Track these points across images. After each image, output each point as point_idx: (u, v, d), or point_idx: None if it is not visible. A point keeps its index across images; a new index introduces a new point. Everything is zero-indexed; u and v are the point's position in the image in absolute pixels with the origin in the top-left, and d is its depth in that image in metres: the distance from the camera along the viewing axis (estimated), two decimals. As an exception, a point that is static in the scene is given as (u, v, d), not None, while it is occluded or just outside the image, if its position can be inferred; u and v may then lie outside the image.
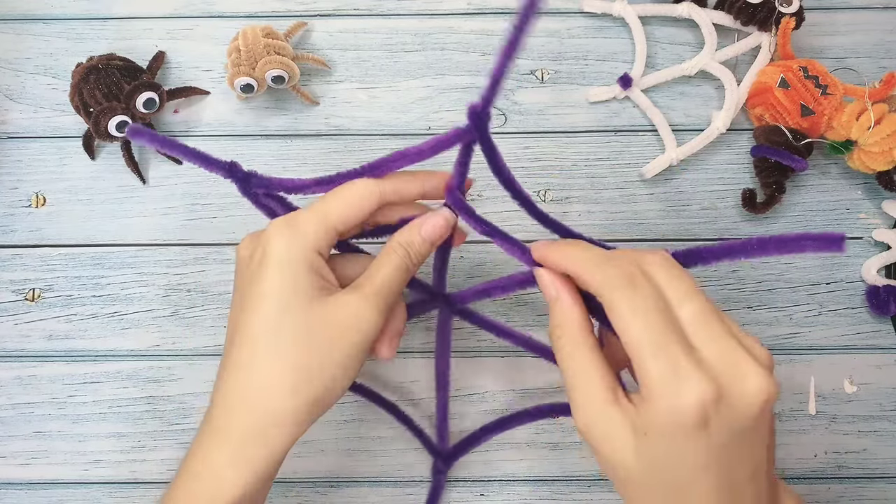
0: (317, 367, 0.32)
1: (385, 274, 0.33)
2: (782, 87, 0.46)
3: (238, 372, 0.32)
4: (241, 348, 0.32)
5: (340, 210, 0.33)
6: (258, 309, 0.32)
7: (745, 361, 0.27)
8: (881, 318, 0.47)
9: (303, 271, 0.32)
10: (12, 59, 0.51)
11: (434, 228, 0.35)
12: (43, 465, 0.45)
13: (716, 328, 0.28)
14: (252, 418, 0.32)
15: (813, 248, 0.26)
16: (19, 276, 0.47)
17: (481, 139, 0.32)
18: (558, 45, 0.51)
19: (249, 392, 0.32)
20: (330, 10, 0.51)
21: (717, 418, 0.26)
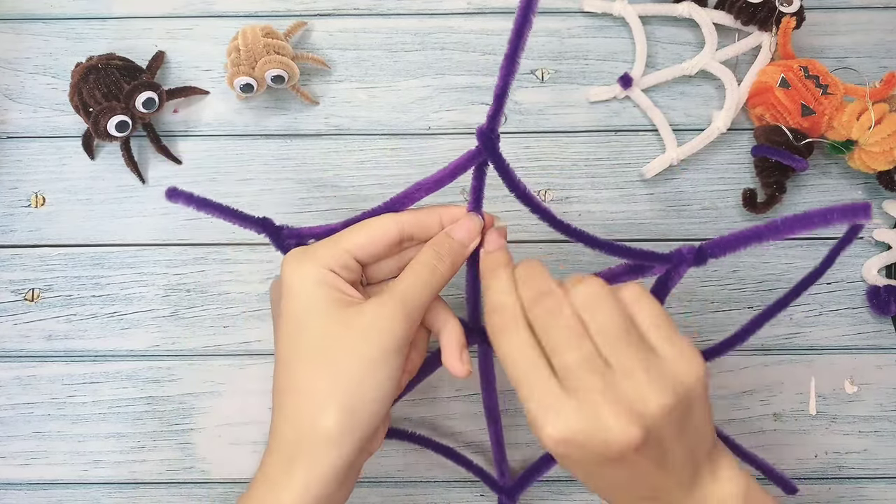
0: (342, 377, 0.32)
1: (407, 276, 0.34)
2: (783, 86, 0.46)
3: (279, 395, 0.33)
4: (277, 373, 0.34)
5: (354, 237, 0.34)
6: (282, 332, 0.33)
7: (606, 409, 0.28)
8: (882, 318, 0.47)
9: (316, 287, 0.33)
10: (12, 59, 0.51)
11: (464, 230, 0.35)
12: (42, 465, 0.45)
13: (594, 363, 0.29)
14: (295, 437, 0.32)
15: (839, 219, 0.27)
16: (19, 276, 0.47)
17: (492, 158, 0.32)
18: (558, 44, 0.51)
19: (289, 411, 0.32)
20: (330, 9, 0.51)
21: (577, 454, 0.29)
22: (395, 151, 0.49)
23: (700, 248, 0.31)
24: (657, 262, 0.33)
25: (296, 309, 0.33)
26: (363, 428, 0.32)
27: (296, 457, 0.32)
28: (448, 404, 0.46)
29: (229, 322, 0.47)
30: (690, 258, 0.31)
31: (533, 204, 0.33)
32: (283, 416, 0.33)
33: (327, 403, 0.31)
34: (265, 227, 0.34)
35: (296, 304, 0.33)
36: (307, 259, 0.33)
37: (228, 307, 0.47)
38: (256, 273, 0.47)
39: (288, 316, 0.33)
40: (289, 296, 0.33)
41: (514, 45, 0.28)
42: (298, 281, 0.33)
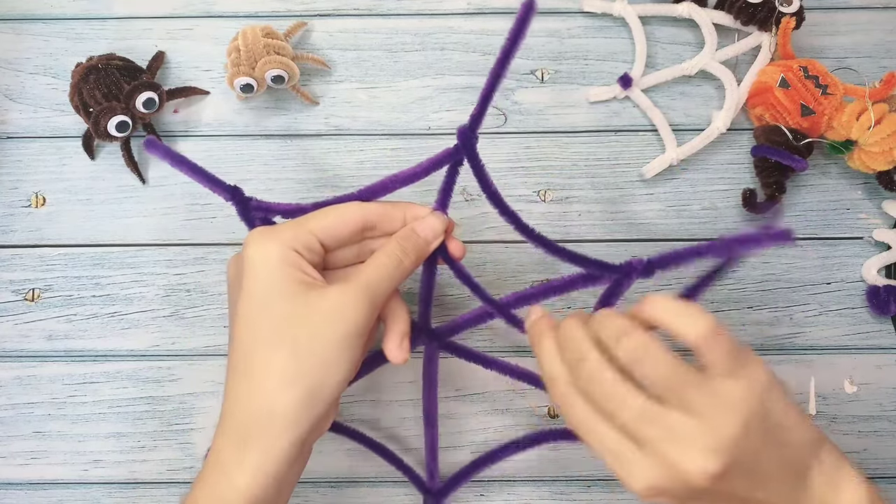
0: (305, 358, 0.32)
1: (373, 268, 0.34)
2: (782, 86, 0.46)
3: (234, 376, 0.33)
4: (232, 353, 0.33)
5: (320, 220, 0.34)
6: (241, 311, 0.33)
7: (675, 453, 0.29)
8: (881, 318, 0.47)
9: (279, 267, 0.32)
10: (12, 59, 0.51)
11: (429, 227, 0.35)
12: (43, 465, 0.45)
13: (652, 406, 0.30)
14: (249, 418, 0.32)
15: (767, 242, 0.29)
16: (19, 276, 0.47)
17: (469, 158, 0.33)
18: (558, 45, 0.51)
19: (244, 392, 0.32)
20: (330, 10, 0.51)
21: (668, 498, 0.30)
22: (395, 151, 0.49)
23: (649, 261, 0.33)
24: (608, 272, 0.34)
25: (257, 289, 0.32)
26: (321, 408, 0.32)
27: (249, 438, 0.31)
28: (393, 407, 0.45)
29: (229, 322, 0.47)
30: (639, 269, 0.33)
31: (501, 206, 0.34)
32: (235, 397, 0.32)
33: (287, 384, 0.31)
34: (234, 196, 0.34)
35: (258, 284, 0.32)
36: (271, 237, 0.33)
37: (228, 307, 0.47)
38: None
39: (249, 295, 0.33)
40: (251, 275, 0.33)
41: (506, 52, 0.29)
42: (261, 259, 0.33)
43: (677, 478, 0.29)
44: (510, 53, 0.29)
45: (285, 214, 0.35)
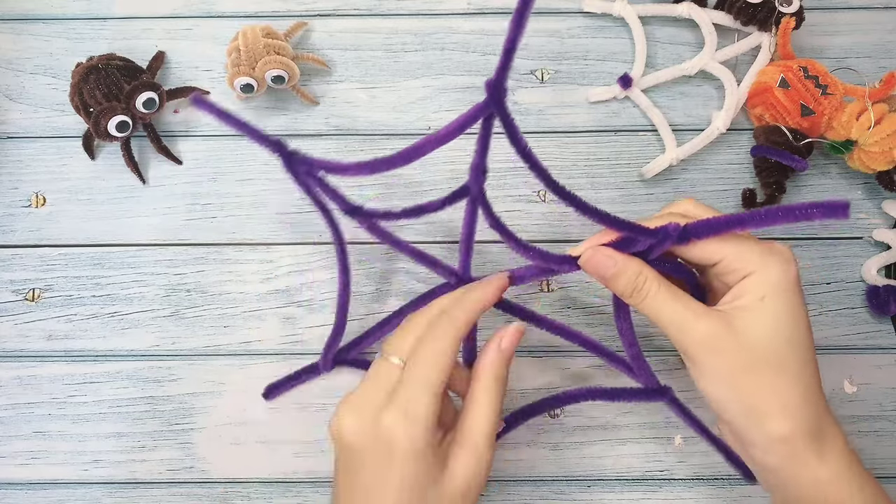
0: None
1: (484, 418, 0.34)
2: (782, 86, 0.46)
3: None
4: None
5: (439, 372, 0.33)
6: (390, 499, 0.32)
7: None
8: (881, 318, 0.47)
9: (429, 458, 0.32)
10: (12, 59, 0.51)
11: (512, 344, 0.35)
12: (43, 465, 0.45)
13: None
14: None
15: (821, 216, 0.28)
16: (19, 276, 0.47)
17: (499, 111, 0.32)
18: (558, 45, 0.51)
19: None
20: (330, 10, 0.51)
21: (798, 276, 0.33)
22: (395, 151, 0.49)
23: (685, 227, 0.32)
24: (644, 235, 0.34)
25: (413, 481, 0.32)
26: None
27: None
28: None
29: (229, 322, 0.47)
30: (675, 236, 0.33)
31: (532, 161, 0.34)
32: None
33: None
34: (280, 149, 0.34)
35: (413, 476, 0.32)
36: (419, 425, 0.32)
37: (228, 307, 0.47)
38: (256, 273, 0.47)
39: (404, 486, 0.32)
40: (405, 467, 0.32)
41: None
42: (413, 452, 0.32)
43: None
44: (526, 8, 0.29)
45: (328, 170, 0.34)
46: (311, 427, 0.45)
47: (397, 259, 0.48)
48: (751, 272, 0.32)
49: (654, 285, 0.34)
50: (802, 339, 0.33)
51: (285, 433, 0.45)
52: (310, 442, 0.45)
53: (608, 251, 0.35)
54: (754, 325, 0.32)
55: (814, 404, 0.33)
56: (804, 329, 0.33)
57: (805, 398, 0.33)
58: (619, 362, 0.42)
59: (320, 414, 0.45)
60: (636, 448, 0.45)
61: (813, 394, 0.33)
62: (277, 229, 0.48)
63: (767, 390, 0.32)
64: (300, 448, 0.45)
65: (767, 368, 0.32)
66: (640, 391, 0.42)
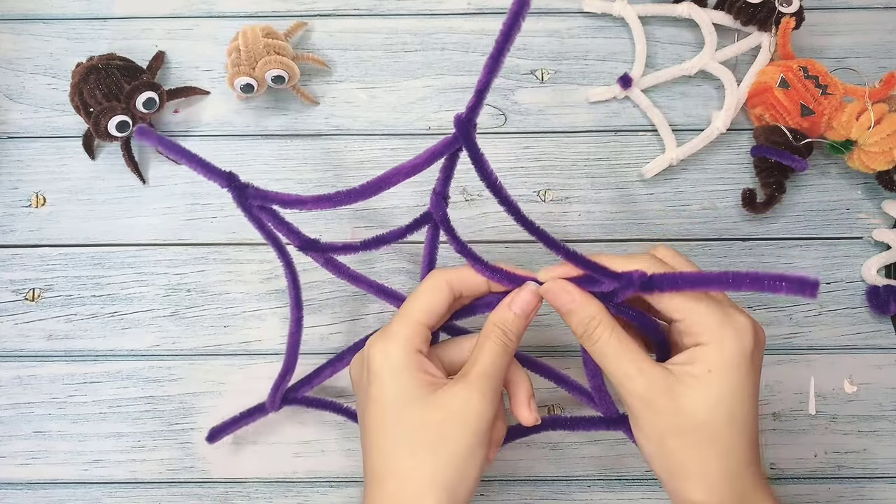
0: (444, 461, 0.33)
1: (486, 358, 0.35)
2: (782, 86, 0.46)
3: (373, 481, 0.34)
4: (368, 459, 0.35)
5: (421, 306, 0.35)
6: (373, 421, 0.34)
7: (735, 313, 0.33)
8: (881, 318, 0.47)
9: (406, 374, 0.34)
10: (12, 59, 0.51)
11: (524, 303, 0.36)
12: (43, 464, 0.45)
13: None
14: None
15: (787, 290, 0.28)
16: (19, 276, 0.47)
17: (467, 146, 0.33)
18: (558, 45, 0.51)
19: (388, 495, 0.33)
20: (330, 10, 0.52)
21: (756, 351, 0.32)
22: (395, 151, 0.49)
23: (650, 277, 0.32)
24: (606, 277, 0.33)
25: (387, 398, 0.34)
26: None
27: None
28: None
29: (229, 322, 0.47)
30: (637, 284, 0.32)
31: (501, 196, 0.34)
32: (384, 499, 0.33)
33: (431, 487, 0.32)
34: (230, 182, 0.33)
35: (386, 393, 0.34)
36: (392, 341, 0.34)
37: (228, 307, 0.47)
38: (256, 273, 0.47)
39: (379, 405, 0.34)
40: (378, 384, 0.34)
41: (500, 46, 0.29)
42: (387, 367, 0.34)
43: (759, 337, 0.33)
44: (505, 44, 0.29)
45: (284, 204, 0.34)
46: (311, 427, 0.45)
47: (397, 259, 0.48)
48: (705, 342, 0.32)
49: (605, 332, 0.33)
50: (742, 417, 0.32)
51: (285, 433, 0.45)
52: (310, 442, 0.45)
53: (569, 287, 0.34)
54: (695, 395, 0.32)
55: (739, 481, 0.32)
56: (747, 406, 0.32)
57: (729, 474, 0.32)
58: (581, 392, 0.42)
59: (320, 414, 0.45)
60: (636, 448, 0.45)
61: (740, 471, 0.32)
62: (277, 229, 0.48)
63: (692, 458, 0.32)
64: (300, 448, 0.45)
65: (697, 438, 0.32)
66: (599, 420, 0.41)
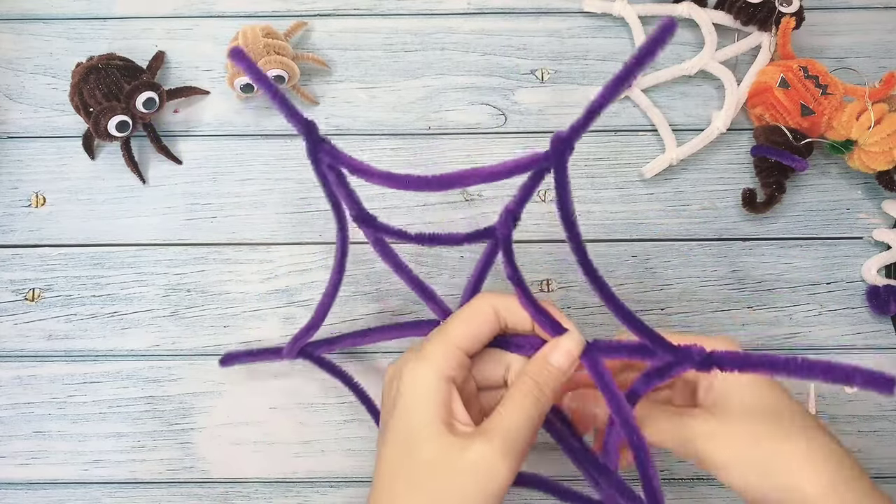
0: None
1: (515, 416, 0.31)
2: (782, 86, 0.46)
3: (377, 501, 0.32)
4: (377, 488, 0.32)
5: (462, 330, 0.33)
6: (391, 444, 0.32)
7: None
8: (881, 318, 0.47)
9: (431, 404, 0.31)
10: (12, 59, 0.51)
11: (565, 355, 0.33)
12: (43, 465, 0.45)
13: None
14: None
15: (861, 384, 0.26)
16: (19, 276, 0.47)
17: (557, 170, 0.30)
18: (558, 45, 0.51)
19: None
20: (330, 10, 0.52)
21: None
22: (396, 151, 0.49)
23: (710, 354, 0.30)
24: (663, 351, 0.31)
25: (406, 426, 0.32)
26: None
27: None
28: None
29: (229, 322, 0.47)
30: (697, 360, 0.30)
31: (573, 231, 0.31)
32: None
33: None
34: (307, 132, 0.31)
35: (407, 420, 0.32)
36: (423, 365, 0.32)
37: (228, 307, 0.47)
38: (256, 273, 0.47)
39: (399, 429, 0.32)
40: (404, 406, 0.32)
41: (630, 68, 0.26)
42: (416, 393, 0.32)
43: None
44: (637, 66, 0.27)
45: (352, 169, 0.31)
46: (311, 427, 0.45)
47: (397, 259, 0.48)
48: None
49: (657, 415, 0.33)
50: (789, 404, 0.32)
51: (285, 433, 0.45)
52: (310, 442, 0.45)
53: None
54: (740, 401, 0.32)
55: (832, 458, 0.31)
56: (787, 398, 0.33)
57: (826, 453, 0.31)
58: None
59: (320, 414, 0.45)
60: (636, 448, 0.45)
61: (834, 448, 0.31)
62: (277, 229, 0.48)
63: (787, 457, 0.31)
64: (300, 448, 0.45)
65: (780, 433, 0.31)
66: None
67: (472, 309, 0.34)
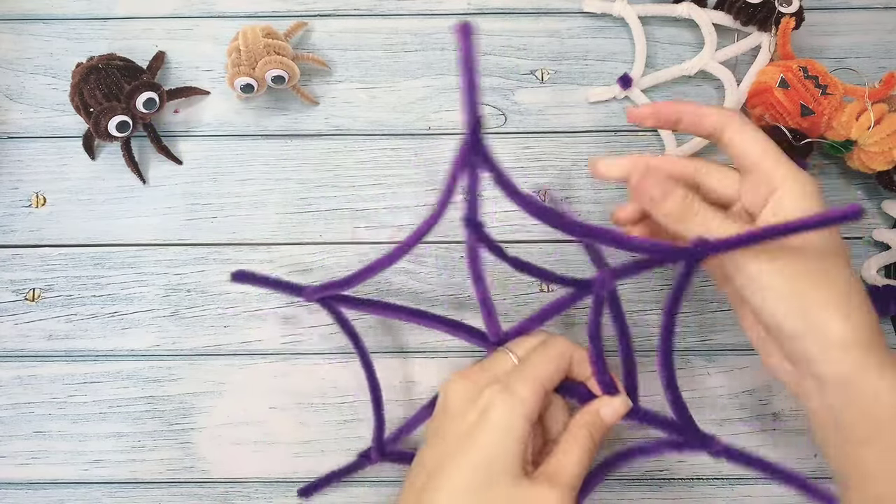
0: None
1: (576, 468, 0.34)
2: (782, 87, 0.46)
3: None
4: (440, 495, 0.33)
5: (550, 373, 0.35)
6: (468, 465, 0.33)
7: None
8: (881, 318, 0.47)
9: (517, 443, 0.33)
10: (12, 59, 0.51)
11: (614, 412, 0.37)
12: (43, 465, 0.45)
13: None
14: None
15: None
16: (19, 276, 0.47)
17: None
18: (558, 45, 0.51)
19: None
20: (330, 10, 0.52)
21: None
22: (396, 151, 0.49)
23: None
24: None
25: (491, 461, 0.33)
26: None
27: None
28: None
29: (229, 322, 0.47)
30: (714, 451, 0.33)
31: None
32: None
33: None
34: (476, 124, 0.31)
35: (495, 456, 0.33)
36: (518, 406, 0.34)
37: (228, 307, 0.47)
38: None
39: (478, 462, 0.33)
40: (493, 442, 0.33)
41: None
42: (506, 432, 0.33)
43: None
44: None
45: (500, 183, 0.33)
46: (311, 427, 0.45)
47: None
48: (779, 184, 0.33)
49: (700, 205, 0.34)
50: (842, 244, 0.33)
51: (285, 433, 0.45)
52: (310, 442, 0.45)
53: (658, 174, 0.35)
54: (803, 238, 0.32)
55: (867, 314, 0.32)
56: (837, 235, 0.33)
57: (862, 304, 0.32)
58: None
59: (320, 414, 0.45)
60: (636, 448, 0.45)
61: (867, 305, 0.33)
62: (277, 229, 0.48)
63: (824, 297, 0.32)
64: (300, 448, 0.45)
65: (821, 275, 0.32)
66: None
67: (556, 351, 0.36)
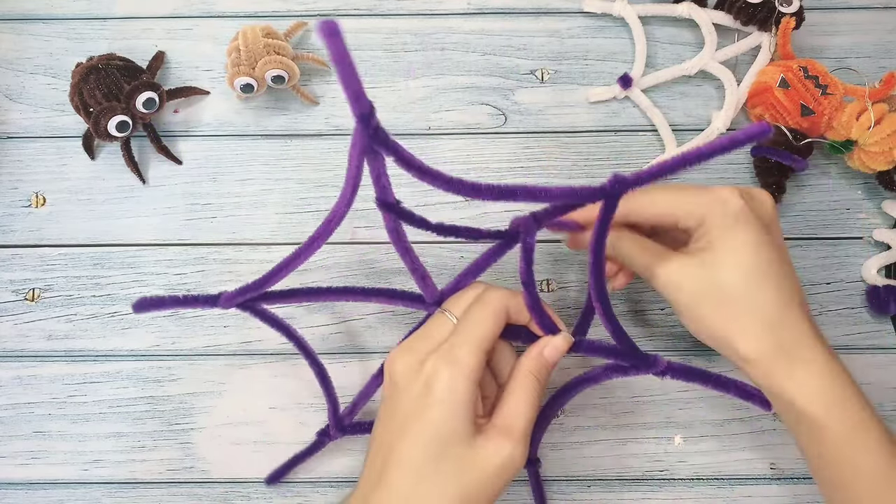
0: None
1: (526, 413, 0.35)
2: (782, 86, 0.46)
3: (395, 498, 0.33)
4: (398, 473, 0.33)
5: (487, 334, 0.35)
6: (421, 439, 0.33)
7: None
8: (881, 318, 0.47)
9: (464, 408, 0.33)
10: (12, 59, 0.51)
11: (557, 351, 0.37)
12: (43, 465, 0.45)
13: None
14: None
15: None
16: (19, 276, 0.47)
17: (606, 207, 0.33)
18: (558, 45, 0.51)
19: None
20: (330, 10, 0.52)
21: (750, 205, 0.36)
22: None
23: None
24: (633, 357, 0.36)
25: (441, 428, 0.33)
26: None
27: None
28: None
29: (229, 322, 0.47)
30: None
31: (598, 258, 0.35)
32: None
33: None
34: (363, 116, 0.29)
35: (443, 423, 0.33)
36: (460, 372, 0.34)
37: (229, 307, 0.47)
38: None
39: (433, 426, 0.33)
40: (438, 411, 0.33)
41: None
42: (451, 399, 0.33)
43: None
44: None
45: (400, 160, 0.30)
46: (311, 427, 0.45)
47: (397, 259, 0.48)
48: (698, 219, 0.35)
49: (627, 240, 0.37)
50: (766, 266, 0.35)
51: (285, 433, 0.45)
52: (310, 442, 0.45)
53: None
54: (712, 261, 0.35)
55: (778, 326, 0.35)
56: (766, 253, 0.35)
57: (765, 322, 0.34)
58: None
59: (320, 414, 0.45)
60: (636, 448, 0.45)
61: (777, 316, 0.35)
62: (277, 229, 0.48)
63: (727, 318, 0.35)
64: (300, 448, 0.45)
65: (725, 298, 0.35)
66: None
67: (492, 306, 0.36)
